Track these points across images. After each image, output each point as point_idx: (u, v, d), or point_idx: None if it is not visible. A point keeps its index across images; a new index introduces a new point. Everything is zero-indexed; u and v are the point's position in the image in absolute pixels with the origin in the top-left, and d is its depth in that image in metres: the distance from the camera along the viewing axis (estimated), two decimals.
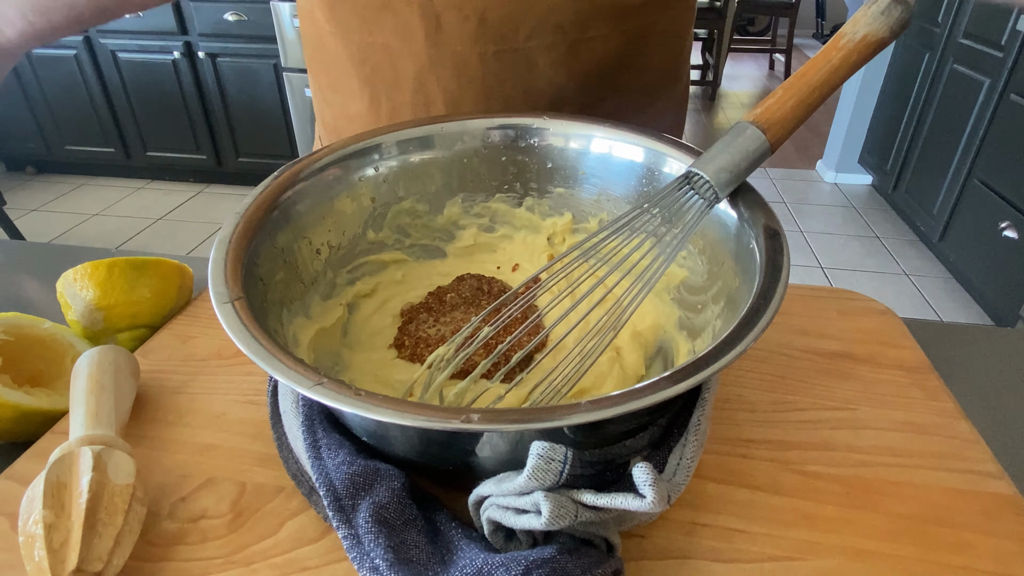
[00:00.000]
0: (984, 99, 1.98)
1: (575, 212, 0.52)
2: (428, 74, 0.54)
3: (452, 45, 0.52)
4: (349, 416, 0.34)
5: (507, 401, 0.39)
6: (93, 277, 0.47)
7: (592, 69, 0.55)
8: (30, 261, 0.66)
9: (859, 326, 0.51)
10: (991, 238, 1.91)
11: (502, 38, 0.52)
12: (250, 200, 0.41)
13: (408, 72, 0.55)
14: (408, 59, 0.54)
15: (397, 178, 0.50)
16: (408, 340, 0.45)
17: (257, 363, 0.29)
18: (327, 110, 0.63)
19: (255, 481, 0.37)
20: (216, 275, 0.34)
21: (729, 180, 0.38)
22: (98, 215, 2.69)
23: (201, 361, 0.47)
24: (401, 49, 0.54)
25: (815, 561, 0.33)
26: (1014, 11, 1.80)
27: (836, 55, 0.38)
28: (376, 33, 0.54)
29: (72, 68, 2.63)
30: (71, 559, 0.29)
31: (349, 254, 0.48)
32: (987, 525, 0.35)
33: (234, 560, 0.32)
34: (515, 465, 0.29)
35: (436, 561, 0.30)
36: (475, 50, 0.52)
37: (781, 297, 0.32)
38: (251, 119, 2.65)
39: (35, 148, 2.88)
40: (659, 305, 0.46)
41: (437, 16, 0.51)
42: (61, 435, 0.40)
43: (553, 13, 0.51)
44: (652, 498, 0.27)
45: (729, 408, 0.43)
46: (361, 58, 0.56)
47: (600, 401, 0.26)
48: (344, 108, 0.61)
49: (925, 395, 0.44)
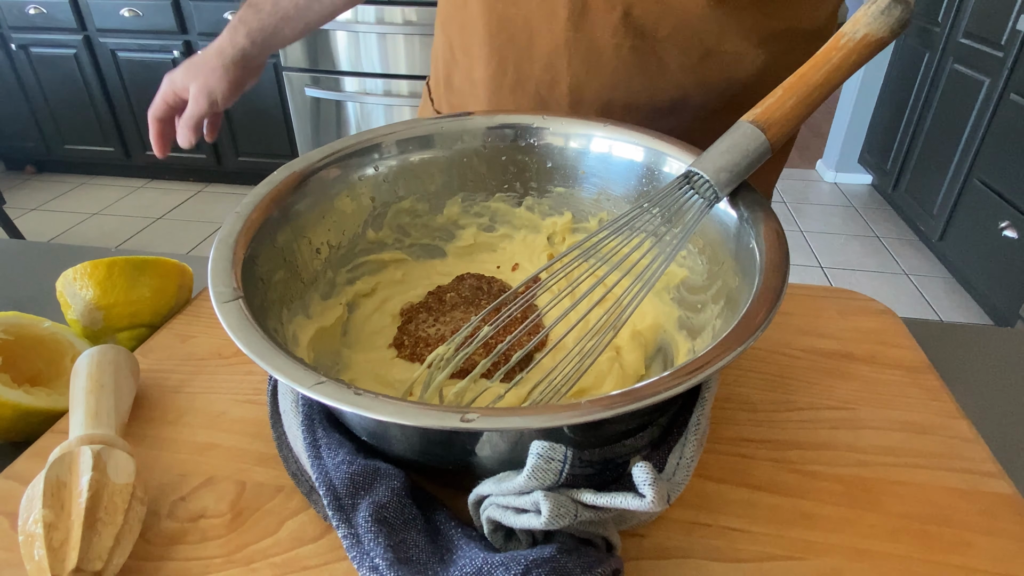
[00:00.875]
0: (984, 99, 1.98)
1: (575, 211, 0.52)
2: (561, 55, 0.55)
3: (591, 31, 0.53)
4: (349, 415, 0.34)
5: (507, 400, 0.39)
6: (93, 276, 0.47)
7: (721, 83, 0.55)
8: (30, 260, 0.66)
9: (859, 326, 0.51)
10: (991, 238, 1.91)
11: (641, 34, 0.53)
12: (250, 200, 0.41)
13: (542, 49, 0.56)
14: (545, 37, 0.55)
15: (397, 177, 0.50)
16: (408, 339, 0.45)
17: (257, 362, 0.29)
18: (456, 70, 0.65)
19: (255, 480, 0.37)
20: (216, 275, 0.34)
21: (729, 180, 0.38)
22: (97, 214, 2.69)
23: (201, 360, 0.47)
24: (541, 26, 0.55)
25: (815, 561, 0.33)
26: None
27: (836, 55, 0.38)
28: (521, 5, 0.55)
29: (72, 67, 2.63)
30: (71, 558, 0.29)
31: (349, 253, 0.48)
32: (987, 525, 0.35)
33: (234, 559, 0.32)
34: (515, 464, 0.29)
35: (436, 560, 0.30)
36: (612, 40, 0.53)
37: (781, 297, 0.32)
38: (251, 118, 2.65)
39: (35, 147, 2.88)
40: (659, 304, 0.46)
41: (584, 1, 0.52)
42: (61, 434, 0.40)
43: (696, 20, 0.51)
44: (652, 497, 0.27)
45: (729, 408, 0.43)
46: (499, 27, 0.57)
47: (600, 400, 0.26)
48: (471, 71, 0.62)
49: (925, 395, 0.44)
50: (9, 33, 2.61)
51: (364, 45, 2.31)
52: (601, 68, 0.55)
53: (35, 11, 2.53)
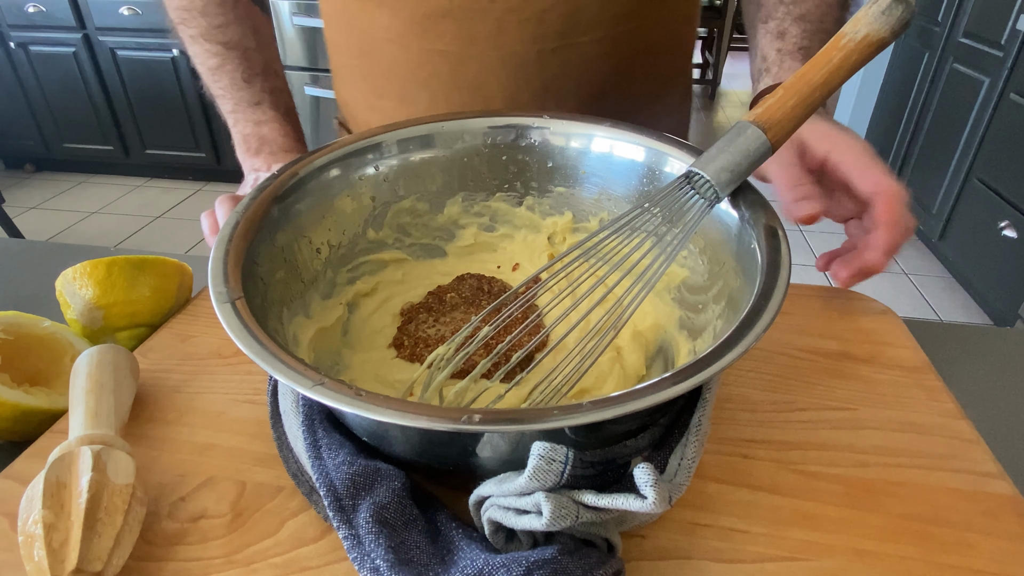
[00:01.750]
0: (984, 98, 1.98)
1: (575, 211, 0.52)
2: (488, 75, 0.57)
3: (512, 46, 0.55)
4: (349, 416, 0.34)
5: (507, 401, 0.39)
6: (92, 276, 0.47)
7: (631, 57, 0.58)
8: (29, 259, 0.66)
9: (859, 326, 0.51)
10: (990, 237, 1.91)
11: (560, 35, 0.55)
12: (250, 199, 0.41)
13: (468, 75, 0.57)
14: (469, 62, 0.56)
15: (397, 177, 0.50)
16: (408, 340, 0.45)
17: (257, 363, 0.29)
18: (373, 117, 0.65)
19: (255, 481, 0.37)
20: (216, 275, 0.34)
21: (730, 180, 0.38)
22: (97, 213, 2.69)
23: (201, 360, 0.47)
24: (461, 53, 0.56)
25: (815, 561, 0.33)
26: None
27: (837, 55, 0.38)
28: (435, 40, 0.56)
29: (71, 66, 2.63)
30: (71, 559, 0.29)
31: (349, 253, 0.48)
32: (987, 525, 0.35)
33: (234, 560, 0.32)
34: (516, 465, 0.29)
35: (437, 562, 0.30)
36: (534, 48, 0.55)
37: (782, 297, 0.32)
38: None
39: (34, 146, 2.88)
40: (660, 305, 0.46)
41: (498, 20, 0.53)
42: (60, 434, 0.40)
43: (604, 9, 0.54)
44: (653, 499, 0.27)
45: (730, 408, 0.43)
46: (418, 63, 0.57)
47: (602, 401, 0.26)
48: (394, 113, 0.62)
49: (925, 395, 0.44)
50: (8, 31, 2.60)
51: None
52: (529, 77, 0.57)
53: (34, 9, 2.53)
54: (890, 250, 0.46)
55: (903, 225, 0.46)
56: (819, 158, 0.49)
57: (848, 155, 0.48)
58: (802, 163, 0.50)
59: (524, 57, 0.55)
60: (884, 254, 0.46)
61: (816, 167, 0.50)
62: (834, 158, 0.48)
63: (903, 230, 0.46)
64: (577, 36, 0.55)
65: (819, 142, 0.49)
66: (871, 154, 0.48)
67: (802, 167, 0.49)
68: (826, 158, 0.49)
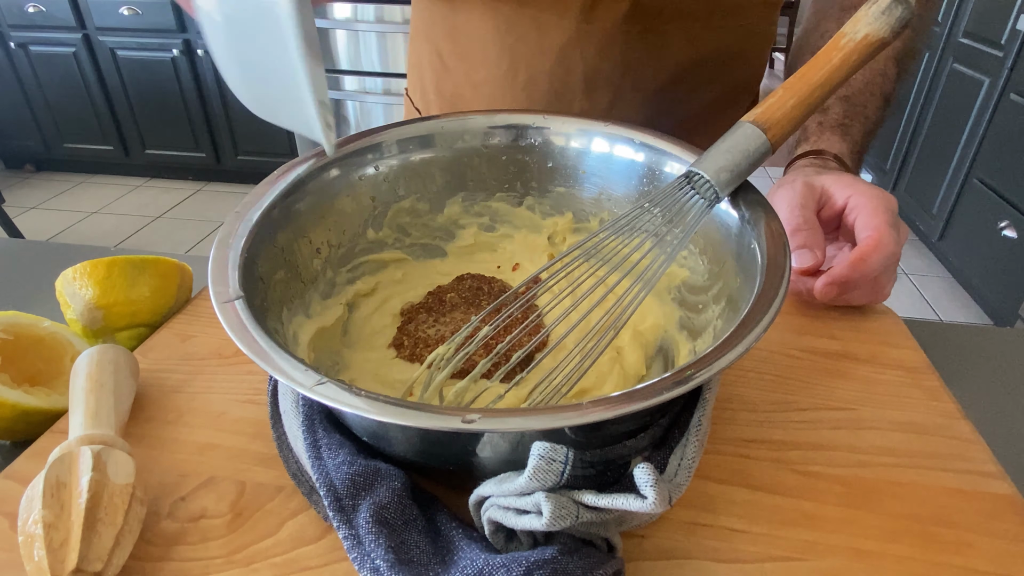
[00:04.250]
0: (984, 98, 1.98)
1: (576, 211, 0.52)
2: (573, 47, 0.58)
3: (603, 22, 0.57)
4: (349, 416, 0.34)
5: (507, 401, 0.39)
6: (92, 276, 0.47)
7: (711, 54, 0.60)
8: (29, 259, 0.66)
9: (859, 326, 0.51)
10: (990, 238, 1.91)
11: (649, 19, 0.56)
12: (250, 199, 0.41)
13: (554, 44, 0.59)
14: (557, 31, 0.58)
15: (397, 177, 0.50)
16: (408, 340, 0.45)
17: (257, 363, 0.29)
18: (447, 78, 0.66)
19: (255, 481, 0.37)
20: (216, 274, 0.34)
21: (730, 180, 0.38)
22: (97, 213, 2.69)
23: (201, 360, 0.47)
24: (551, 21, 0.57)
25: (815, 561, 0.33)
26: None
27: (837, 55, 0.38)
28: (529, 4, 0.57)
29: (71, 66, 2.63)
30: (71, 559, 0.29)
31: (349, 253, 0.48)
32: (987, 525, 0.35)
33: (234, 560, 0.32)
34: (516, 465, 0.29)
35: (437, 562, 0.30)
36: (623, 27, 0.57)
37: (783, 297, 0.32)
38: (250, 117, 2.61)
39: (34, 146, 2.88)
40: (660, 305, 0.46)
41: None
42: (60, 434, 0.40)
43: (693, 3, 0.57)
44: (653, 499, 0.27)
45: (730, 408, 0.43)
46: (507, 27, 0.59)
47: (602, 401, 0.26)
48: (470, 75, 0.63)
49: (925, 395, 0.44)
50: (8, 31, 2.60)
51: (363, 44, 2.30)
52: (613, 55, 0.58)
53: (34, 9, 2.53)
54: (856, 263, 0.46)
55: (875, 261, 0.46)
56: (839, 205, 0.50)
57: (863, 199, 0.48)
58: (816, 208, 0.50)
59: (611, 33, 0.57)
60: (850, 265, 0.46)
61: (836, 214, 0.50)
62: (852, 203, 0.49)
63: (876, 262, 0.46)
64: (664, 23, 0.57)
65: (842, 189, 0.50)
66: (888, 208, 0.48)
67: (813, 211, 0.49)
68: (845, 203, 0.49)
